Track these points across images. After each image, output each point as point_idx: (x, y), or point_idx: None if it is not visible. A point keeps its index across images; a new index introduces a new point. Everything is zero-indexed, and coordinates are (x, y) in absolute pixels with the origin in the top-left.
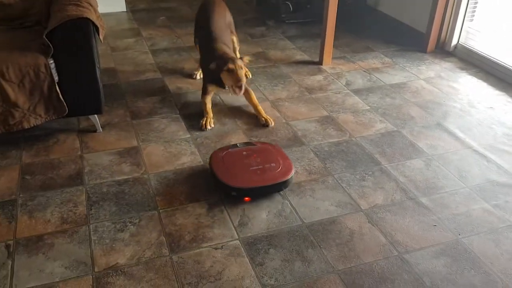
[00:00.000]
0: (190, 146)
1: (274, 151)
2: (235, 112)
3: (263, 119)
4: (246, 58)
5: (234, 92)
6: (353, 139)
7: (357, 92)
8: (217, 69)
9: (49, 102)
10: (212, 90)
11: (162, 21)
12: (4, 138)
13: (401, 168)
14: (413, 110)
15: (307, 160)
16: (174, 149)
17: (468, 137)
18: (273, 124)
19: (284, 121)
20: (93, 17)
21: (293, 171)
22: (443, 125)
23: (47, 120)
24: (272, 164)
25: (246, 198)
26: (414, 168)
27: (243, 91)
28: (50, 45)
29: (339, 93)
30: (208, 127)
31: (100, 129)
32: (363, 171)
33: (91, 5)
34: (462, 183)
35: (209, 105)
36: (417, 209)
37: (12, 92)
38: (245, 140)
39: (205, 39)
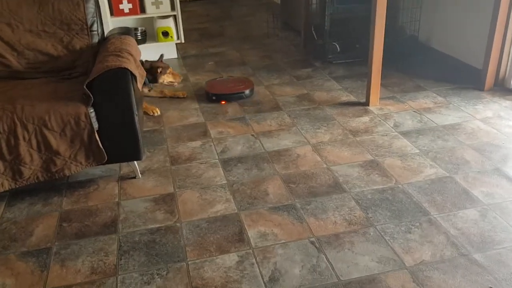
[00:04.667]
0: (226, 192)
1: (245, 80)
2: (274, 157)
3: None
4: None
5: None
6: (399, 186)
7: (406, 134)
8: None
9: (89, 149)
10: None
11: (211, 66)
12: (49, 185)
13: (453, 219)
14: (468, 154)
15: (347, 209)
16: (209, 196)
17: None
18: (159, 112)
19: (325, 166)
20: (131, 67)
21: (249, 89)
22: (502, 170)
23: (87, 167)
24: (240, 84)
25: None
26: (468, 219)
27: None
28: (90, 95)
29: (386, 135)
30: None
31: (139, 175)
32: (409, 222)
33: (131, 55)
34: None
35: None
36: (470, 267)
37: (54, 140)
38: (283, 188)
39: None
